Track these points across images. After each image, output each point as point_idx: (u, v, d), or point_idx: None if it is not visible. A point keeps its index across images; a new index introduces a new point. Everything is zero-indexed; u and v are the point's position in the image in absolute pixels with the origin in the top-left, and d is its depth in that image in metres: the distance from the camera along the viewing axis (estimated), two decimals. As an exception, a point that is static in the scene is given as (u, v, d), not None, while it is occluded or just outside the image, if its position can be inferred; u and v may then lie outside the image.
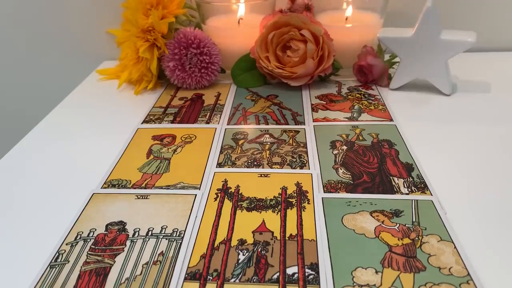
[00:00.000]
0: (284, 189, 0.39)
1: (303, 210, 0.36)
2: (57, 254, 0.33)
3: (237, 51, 0.61)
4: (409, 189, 0.38)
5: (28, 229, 0.37)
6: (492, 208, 0.36)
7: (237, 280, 0.30)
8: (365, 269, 0.30)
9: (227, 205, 0.37)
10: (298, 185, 0.39)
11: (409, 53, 0.55)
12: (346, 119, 0.51)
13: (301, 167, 0.42)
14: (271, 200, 0.38)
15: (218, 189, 0.39)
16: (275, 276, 0.30)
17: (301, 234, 0.34)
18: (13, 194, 0.41)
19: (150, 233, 0.35)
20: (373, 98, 0.56)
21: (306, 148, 0.45)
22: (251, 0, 0.61)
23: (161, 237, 0.34)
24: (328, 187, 0.39)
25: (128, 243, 0.34)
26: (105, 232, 0.35)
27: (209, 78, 0.60)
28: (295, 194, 0.38)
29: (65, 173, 0.44)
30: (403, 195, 0.38)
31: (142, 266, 0.32)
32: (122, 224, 0.36)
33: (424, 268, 0.30)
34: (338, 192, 0.39)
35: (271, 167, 0.42)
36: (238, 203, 0.38)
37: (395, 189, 0.38)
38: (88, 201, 0.39)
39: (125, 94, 0.61)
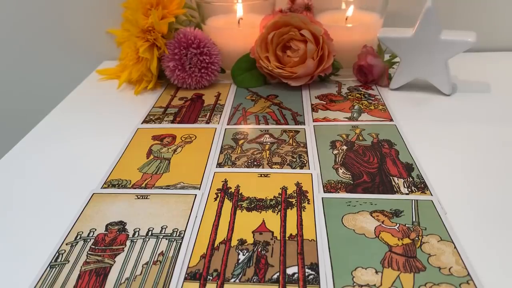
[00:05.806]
0: (284, 189, 0.39)
1: (303, 210, 0.36)
2: (57, 254, 0.33)
3: (237, 51, 0.60)
4: (409, 189, 0.38)
5: (28, 229, 0.37)
6: (492, 208, 0.36)
7: (237, 280, 0.30)
8: (365, 269, 0.30)
9: (227, 205, 0.37)
10: (298, 185, 0.39)
11: (409, 53, 0.55)
12: (346, 119, 0.51)
13: (301, 167, 0.42)
14: (271, 200, 0.38)
15: (218, 189, 0.39)
16: (275, 276, 0.30)
17: (301, 234, 0.34)
18: (13, 194, 0.41)
19: (150, 233, 0.35)
20: (373, 98, 0.56)
21: (306, 148, 0.45)
22: (251, 0, 0.61)
23: (161, 237, 0.34)
24: (328, 187, 0.39)
25: (128, 243, 0.34)
26: (105, 232, 0.35)
27: (209, 78, 0.60)
28: (295, 194, 0.38)
29: (65, 173, 0.44)
30: (403, 195, 0.38)
31: (142, 266, 0.32)
32: (122, 224, 0.36)
33: (424, 268, 0.30)
34: (338, 192, 0.38)
35: (271, 167, 0.42)
36: (238, 203, 0.38)
37: (395, 189, 0.38)
38: (88, 201, 0.39)
39: (125, 94, 0.61)
